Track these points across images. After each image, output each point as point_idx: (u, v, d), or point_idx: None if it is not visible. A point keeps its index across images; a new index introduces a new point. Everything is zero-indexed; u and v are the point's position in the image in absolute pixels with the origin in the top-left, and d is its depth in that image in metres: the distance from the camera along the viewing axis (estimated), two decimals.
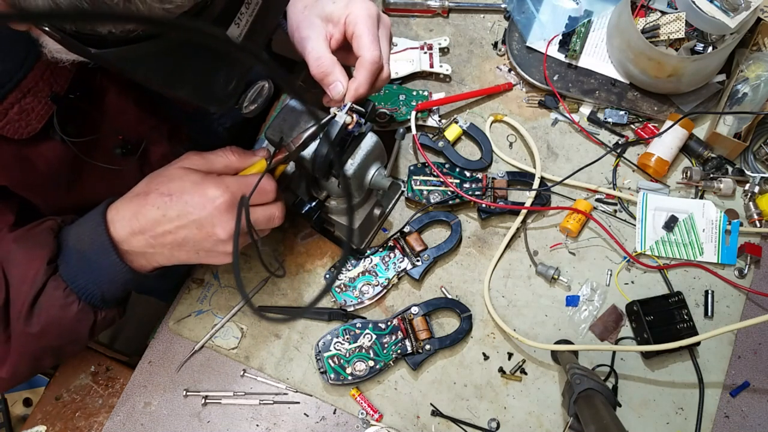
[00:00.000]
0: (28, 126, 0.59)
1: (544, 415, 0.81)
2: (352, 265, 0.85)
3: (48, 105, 0.60)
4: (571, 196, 0.90)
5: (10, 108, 0.57)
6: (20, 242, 0.65)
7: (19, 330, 0.63)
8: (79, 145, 0.65)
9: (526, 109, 0.96)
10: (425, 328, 0.81)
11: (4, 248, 0.65)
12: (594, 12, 0.96)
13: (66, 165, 0.67)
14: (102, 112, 0.67)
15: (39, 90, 0.58)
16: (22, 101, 0.58)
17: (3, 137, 0.58)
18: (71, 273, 0.64)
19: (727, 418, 0.81)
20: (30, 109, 0.58)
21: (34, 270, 0.63)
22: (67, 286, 0.64)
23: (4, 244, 0.65)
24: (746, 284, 0.86)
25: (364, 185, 0.74)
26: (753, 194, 0.89)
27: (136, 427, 0.82)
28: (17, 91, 0.57)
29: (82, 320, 0.66)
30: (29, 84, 0.57)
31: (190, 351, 0.84)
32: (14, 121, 0.58)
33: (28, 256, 0.63)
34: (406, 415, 0.81)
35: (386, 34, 0.69)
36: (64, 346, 0.69)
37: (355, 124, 0.68)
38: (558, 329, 0.84)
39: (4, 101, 0.57)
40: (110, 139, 0.69)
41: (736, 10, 0.84)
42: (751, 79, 0.90)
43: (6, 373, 0.66)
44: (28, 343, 0.64)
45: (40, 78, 0.58)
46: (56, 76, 0.59)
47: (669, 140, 0.89)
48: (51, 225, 0.66)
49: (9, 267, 0.64)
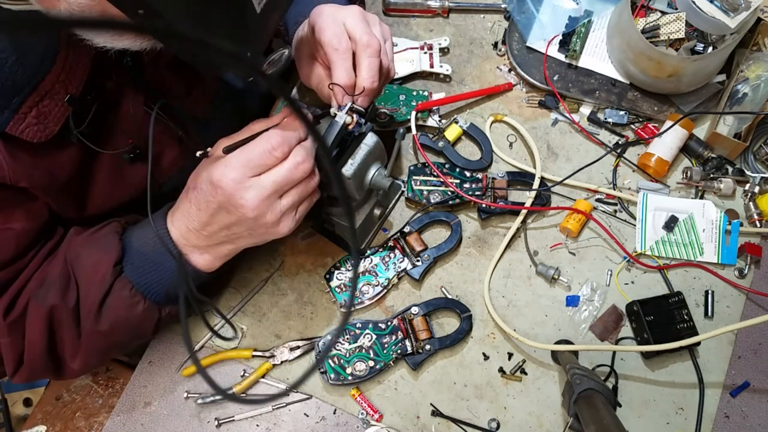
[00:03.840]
0: (46, 129, 0.59)
1: (544, 415, 0.81)
2: (352, 265, 0.85)
3: (64, 107, 0.60)
4: (571, 196, 0.90)
5: (28, 112, 0.57)
6: (87, 246, 0.68)
7: (89, 328, 0.67)
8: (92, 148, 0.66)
9: (526, 109, 0.96)
10: (425, 328, 0.81)
11: (72, 251, 0.68)
12: (594, 12, 0.96)
13: (79, 167, 0.67)
14: (115, 114, 0.68)
15: (55, 92, 0.58)
16: (40, 104, 0.58)
17: (22, 140, 0.58)
18: (136, 274, 0.67)
19: (727, 418, 0.81)
20: (47, 112, 0.58)
21: (101, 273, 0.66)
22: (133, 287, 0.67)
23: (73, 247, 0.68)
24: (746, 284, 0.86)
25: (364, 185, 0.74)
26: (753, 194, 0.89)
27: (136, 427, 0.82)
28: (35, 94, 0.57)
29: (148, 318, 0.70)
30: (46, 87, 0.57)
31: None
32: (33, 124, 0.58)
33: (96, 259, 0.66)
34: (406, 415, 0.81)
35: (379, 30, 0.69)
36: (131, 340, 0.73)
37: (355, 124, 0.68)
38: (558, 329, 0.84)
39: (23, 105, 0.57)
40: (121, 141, 0.69)
41: (736, 10, 0.84)
42: (751, 79, 0.90)
43: (78, 365, 0.71)
44: (98, 340, 0.69)
45: (57, 80, 0.58)
46: (71, 78, 0.59)
47: (669, 140, 0.89)
48: (115, 227, 0.69)
49: (78, 269, 0.67)
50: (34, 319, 0.66)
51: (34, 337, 0.67)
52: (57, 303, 0.65)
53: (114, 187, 0.72)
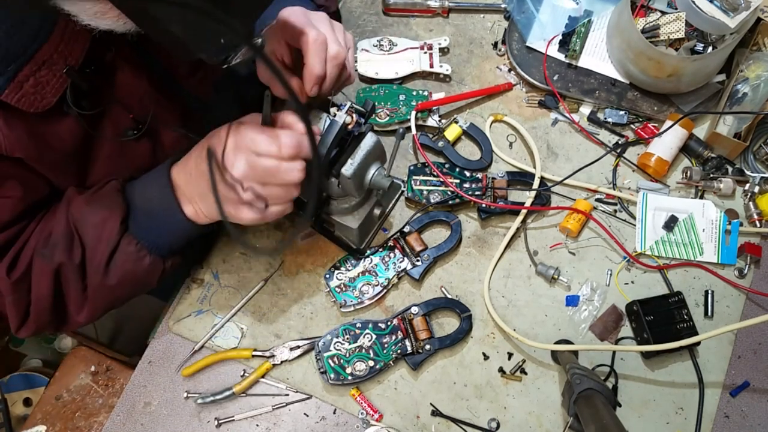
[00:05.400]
0: (44, 99, 0.59)
1: (544, 415, 0.81)
2: (352, 265, 0.85)
3: (63, 79, 0.59)
4: (571, 196, 0.90)
5: (25, 80, 0.57)
6: (91, 205, 0.69)
7: (97, 283, 0.70)
8: (92, 123, 0.66)
9: (526, 109, 0.96)
10: (425, 328, 0.81)
11: (75, 210, 0.69)
12: (594, 12, 0.96)
13: (79, 142, 0.67)
14: (115, 88, 0.68)
15: (54, 63, 0.58)
16: (37, 74, 0.57)
17: (18, 111, 0.58)
18: (141, 230, 0.70)
19: (727, 418, 0.81)
20: (45, 82, 0.58)
21: (108, 231, 0.68)
22: (138, 242, 0.69)
23: (75, 206, 0.69)
24: (746, 284, 0.86)
25: (364, 185, 0.74)
26: (753, 194, 0.89)
27: (136, 427, 0.82)
28: (32, 63, 0.57)
29: (153, 270, 0.73)
30: (44, 56, 0.57)
31: (190, 351, 0.84)
32: (30, 94, 0.58)
33: (102, 218, 0.68)
34: (406, 415, 0.81)
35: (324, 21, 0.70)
36: (136, 292, 0.77)
37: (355, 124, 0.68)
38: (558, 329, 0.84)
39: (19, 73, 0.56)
40: (122, 119, 0.70)
41: (736, 10, 0.84)
42: (751, 79, 0.90)
43: (83, 318, 0.74)
44: (105, 294, 0.72)
45: (55, 50, 0.58)
46: (71, 49, 0.59)
47: (669, 140, 0.89)
48: (116, 186, 0.70)
49: (83, 228, 0.69)
50: (41, 277, 0.68)
51: (41, 293, 0.69)
52: (64, 260, 0.68)
53: (116, 165, 0.72)
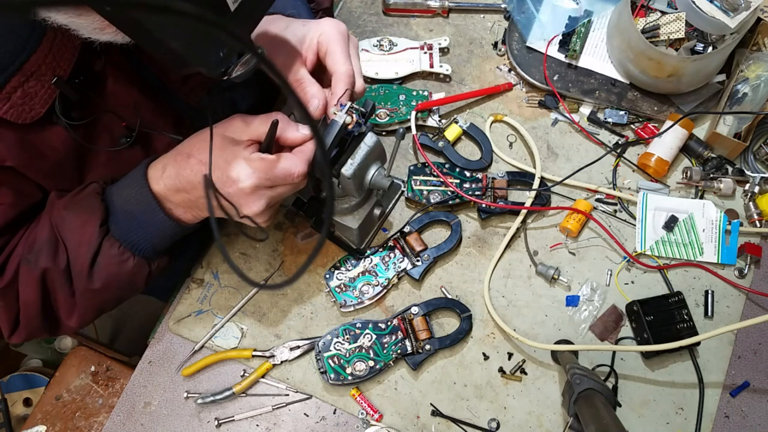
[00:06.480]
0: (32, 111, 0.59)
1: (544, 415, 0.81)
2: (352, 265, 0.85)
3: (51, 89, 0.60)
4: (571, 196, 0.90)
5: (13, 92, 0.57)
6: (70, 208, 0.68)
7: (82, 287, 0.70)
8: (83, 132, 0.66)
9: (526, 109, 0.96)
10: (425, 328, 0.81)
11: (57, 214, 0.69)
12: (594, 12, 0.96)
13: (71, 151, 0.67)
14: (105, 98, 0.68)
15: (42, 74, 0.58)
16: (26, 85, 0.57)
17: (7, 122, 0.58)
18: (123, 232, 0.69)
19: (727, 418, 0.81)
20: (33, 93, 0.58)
21: (88, 234, 0.68)
22: (120, 245, 0.69)
23: (56, 210, 0.69)
24: (746, 284, 0.86)
25: (364, 185, 0.74)
26: (753, 194, 0.89)
27: (136, 427, 0.82)
28: (20, 74, 0.57)
29: (139, 272, 0.72)
30: (32, 67, 0.57)
31: (190, 351, 0.84)
32: (18, 105, 0.58)
33: (81, 221, 0.68)
34: (406, 415, 0.81)
35: (356, 52, 0.72)
36: (125, 295, 0.76)
37: (355, 124, 0.68)
38: (558, 329, 0.84)
39: (7, 85, 0.56)
40: (114, 126, 0.70)
41: (736, 10, 0.84)
42: (751, 79, 0.90)
43: (74, 322, 0.73)
44: (92, 298, 0.71)
45: (43, 62, 0.58)
46: (59, 60, 0.59)
47: (669, 140, 0.89)
48: (95, 188, 0.70)
49: (64, 232, 0.68)
50: (28, 283, 0.68)
51: (28, 299, 0.69)
52: (49, 266, 0.68)
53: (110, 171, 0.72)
